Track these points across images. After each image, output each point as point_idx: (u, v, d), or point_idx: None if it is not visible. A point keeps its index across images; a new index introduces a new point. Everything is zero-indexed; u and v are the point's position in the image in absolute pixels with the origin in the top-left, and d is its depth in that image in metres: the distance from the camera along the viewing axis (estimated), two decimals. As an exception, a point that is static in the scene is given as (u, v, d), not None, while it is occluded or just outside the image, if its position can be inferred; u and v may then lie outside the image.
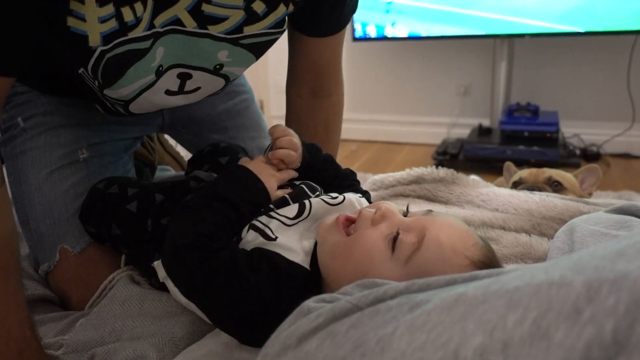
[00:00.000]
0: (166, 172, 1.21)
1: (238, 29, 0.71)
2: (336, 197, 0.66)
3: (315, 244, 0.61)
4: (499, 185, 1.33)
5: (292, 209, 0.63)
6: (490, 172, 2.03)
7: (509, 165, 1.42)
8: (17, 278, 0.60)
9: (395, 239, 0.54)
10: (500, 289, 0.32)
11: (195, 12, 0.66)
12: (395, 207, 0.61)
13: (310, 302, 0.44)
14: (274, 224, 0.61)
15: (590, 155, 2.28)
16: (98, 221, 0.77)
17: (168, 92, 0.78)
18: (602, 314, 0.26)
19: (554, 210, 0.85)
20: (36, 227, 0.80)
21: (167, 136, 1.29)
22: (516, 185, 1.25)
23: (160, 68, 0.72)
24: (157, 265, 0.64)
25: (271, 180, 0.66)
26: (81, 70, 0.67)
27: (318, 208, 0.64)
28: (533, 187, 1.18)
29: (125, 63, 0.67)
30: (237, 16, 0.69)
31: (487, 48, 2.46)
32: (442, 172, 1.03)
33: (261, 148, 1.09)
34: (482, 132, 2.40)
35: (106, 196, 0.77)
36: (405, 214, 0.60)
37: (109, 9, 0.59)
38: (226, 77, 0.81)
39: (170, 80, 0.76)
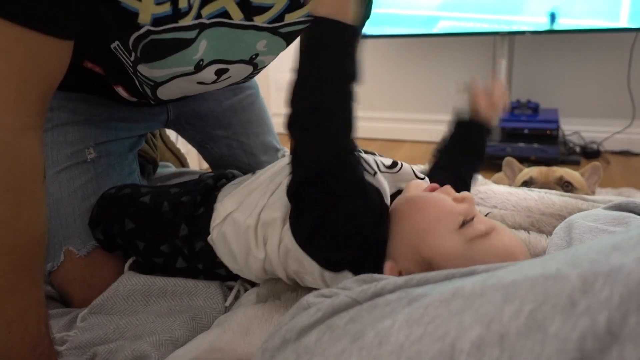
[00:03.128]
0: (167, 168, 1.21)
1: (280, 17, 0.70)
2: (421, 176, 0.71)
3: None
4: (497, 181, 1.33)
5: (386, 159, 0.68)
6: (490, 169, 2.03)
7: (510, 161, 1.41)
8: (42, 274, 0.60)
9: (467, 220, 0.58)
10: (497, 283, 0.33)
11: (243, 3, 0.66)
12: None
13: (310, 297, 0.44)
14: (371, 161, 0.65)
15: (590, 153, 2.28)
16: (110, 221, 0.77)
17: (200, 83, 0.78)
18: (596, 306, 0.27)
19: (552, 207, 0.85)
20: None
21: (168, 132, 1.29)
22: (526, 184, 1.24)
23: (201, 62, 0.72)
24: (218, 206, 0.69)
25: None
26: (115, 43, 0.66)
27: (407, 171, 0.69)
28: (544, 187, 1.18)
29: (168, 49, 0.66)
30: (281, 3, 0.69)
31: (488, 45, 2.46)
32: (442, 169, 1.03)
33: (265, 144, 1.09)
34: (482, 129, 2.40)
35: (119, 198, 0.78)
36: None
37: None
38: (255, 65, 0.81)
39: (207, 74, 0.76)
